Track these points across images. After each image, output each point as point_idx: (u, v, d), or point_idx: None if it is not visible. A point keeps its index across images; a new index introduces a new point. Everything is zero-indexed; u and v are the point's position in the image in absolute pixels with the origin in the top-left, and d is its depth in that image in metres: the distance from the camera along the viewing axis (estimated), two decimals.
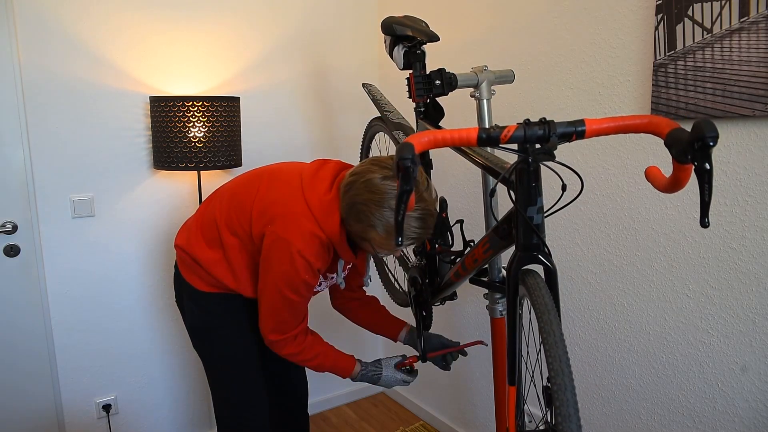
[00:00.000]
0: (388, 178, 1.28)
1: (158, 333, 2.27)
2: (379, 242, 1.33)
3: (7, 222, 1.95)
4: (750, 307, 1.40)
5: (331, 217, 1.36)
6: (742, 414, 1.44)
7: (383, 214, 1.27)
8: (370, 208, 1.28)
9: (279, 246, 1.36)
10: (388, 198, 1.26)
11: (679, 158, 0.85)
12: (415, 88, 1.55)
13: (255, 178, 1.52)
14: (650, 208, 1.59)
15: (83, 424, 2.16)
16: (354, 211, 1.31)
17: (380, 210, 1.27)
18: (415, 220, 1.27)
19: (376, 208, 1.27)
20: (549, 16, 1.80)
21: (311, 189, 1.39)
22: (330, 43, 2.52)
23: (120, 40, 2.05)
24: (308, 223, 1.36)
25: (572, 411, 0.79)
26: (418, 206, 1.27)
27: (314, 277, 1.40)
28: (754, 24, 1.28)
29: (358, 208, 1.29)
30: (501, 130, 0.95)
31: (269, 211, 1.40)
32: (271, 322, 1.45)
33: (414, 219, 1.27)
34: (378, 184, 1.28)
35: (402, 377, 1.62)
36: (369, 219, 1.29)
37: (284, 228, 1.36)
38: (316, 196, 1.37)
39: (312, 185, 1.39)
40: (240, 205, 1.46)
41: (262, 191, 1.45)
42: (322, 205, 1.36)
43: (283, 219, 1.37)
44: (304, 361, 1.52)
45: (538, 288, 0.97)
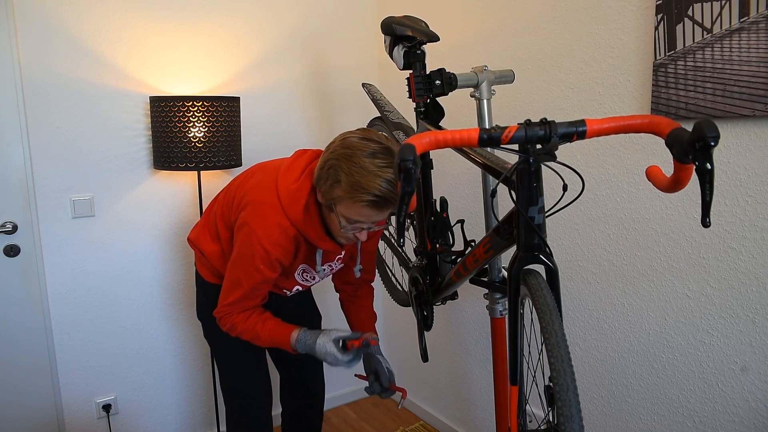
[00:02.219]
0: (366, 139, 1.26)
1: (158, 333, 2.27)
2: (342, 203, 1.27)
3: (7, 222, 1.95)
4: (750, 307, 1.40)
5: (296, 204, 1.36)
6: (742, 414, 1.44)
7: (350, 167, 1.23)
8: (339, 163, 1.25)
9: (243, 231, 1.40)
10: (358, 153, 1.24)
11: (680, 158, 0.85)
12: (415, 88, 1.55)
13: (249, 173, 1.56)
14: (650, 208, 1.59)
15: (83, 424, 2.15)
16: (325, 169, 1.28)
17: (348, 163, 1.24)
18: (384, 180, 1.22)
19: (345, 162, 1.24)
20: (549, 16, 1.80)
21: (284, 178, 1.40)
22: (330, 43, 2.52)
23: (120, 40, 2.05)
24: (274, 213, 1.36)
25: (574, 411, 0.80)
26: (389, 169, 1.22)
27: (271, 268, 1.40)
28: (754, 24, 1.28)
29: (329, 164, 1.27)
30: (502, 130, 0.95)
31: (244, 199, 1.44)
32: (223, 299, 1.48)
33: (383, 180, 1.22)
34: (353, 141, 1.26)
35: (333, 351, 1.42)
36: (336, 173, 1.25)
37: (251, 215, 1.39)
38: (285, 185, 1.38)
39: (285, 175, 1.40)
40: (230, 199, 1.52)
41: (245, 183, 1.49)
42: (289, 193, 1.37)
43: (252, 206, 1.40)
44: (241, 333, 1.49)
45: (539, 288, 0.98)
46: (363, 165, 1.23)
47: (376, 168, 1.23)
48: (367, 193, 1.22)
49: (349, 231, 1.35)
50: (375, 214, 1.29)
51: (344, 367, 1.46)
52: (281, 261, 1.40)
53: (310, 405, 1.85)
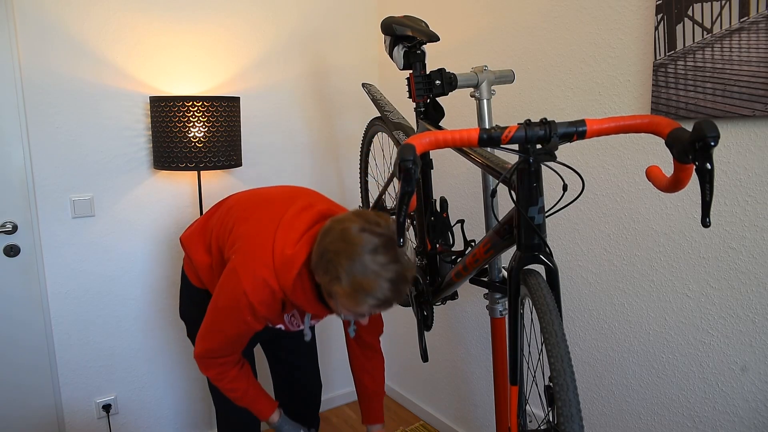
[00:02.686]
0: (366, 231, 1.19)
1: (158, 333, 2.27)
2: (342, 298, 1.21)
3: (7, 222, 1.95)
4: (750, 307, 1.40)
5: (288, 272, 1.29)
6: (742, 414, 1.44)
7: (352, 267, 1.17)
8: (339, 259, 1.18)
9: (231, 278, 1.34)
10: (360, 251, 1.17)
11: (680, 158, 0.85)
12: (415, 88, 1.55)
13: (252, 199, 1.51)
14: (650, 208, 1.59)
15: (83, 424, 2.16)
16: (324, 261, 1.22)
17: (350, 262, 1.17)
18: (387, 281, 1.18)
19: (346, 260, 1.17)
20: (549, 16, 1.80)
21: (283, 234, 1.33)
22: (330, 43, 2.52)
23: (120, 40, 2.05)
24: (265, 269, 1.30)
25: (574, 411, 0.80)
26: (392, 267, 1.18)
27: (255, 320, 1.35)
28: (754, 24, 1.28)
29: (328, 257, 1.21)
30: (502, 130, 0.95)
31: (239, 241, 1.39)
32: (203, 341, 1.43)
33: (385, 280, 1.18)
34: (353, 235, 1.19)
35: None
36: (336, 270, 1.19)
37: (242, 264, 1.33)
38: (282, 247, 1.31)
39: (287, 230, 1.34)
40: (228, 224, 1.47)
41: (246, 218, 1.44)
42: (284, 258, 1.30)
43: (245, 255, 1.34)
44: (223, 389, 1.49)
45: (539, 288, 0.98)
46: (364, 263, 1.17)
47: (379, 267, 1.17)
48: (369, 297, 1.18)
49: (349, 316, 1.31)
50: (378, 310, 1.25)
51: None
52: (267, 317, 1.36)
53: (306, 405, 1.84)
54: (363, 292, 1.18)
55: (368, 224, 1.21)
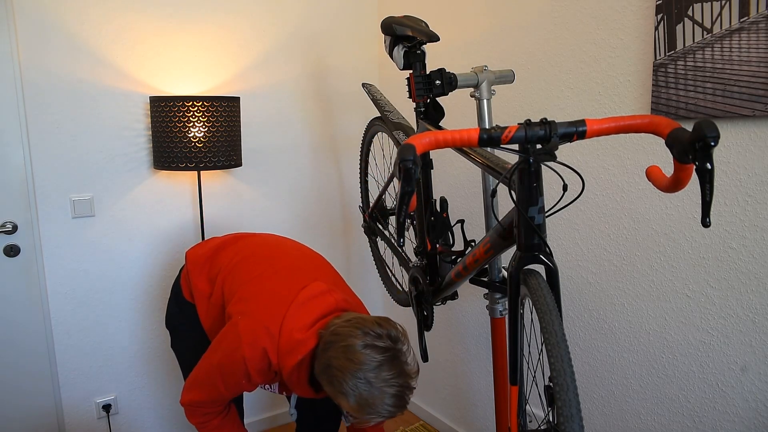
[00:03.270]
0: (369, 347, 1.20)
1: (158, 333, 2.27)
2: (348, 410, 1.24)
3: (7, 222, 1.95)
4: (750, 307, 1.40)
5: (292, 356, 1.30)
6: (742, 414, 1.44)
7: (357, 384, 1.18)
8: (344, 375, 1.20)
9: (232, 339, 1.34)
10: (364, 368, 1.18)
11: (680, 158, 0.85)
12: (415, 88, 1.55)
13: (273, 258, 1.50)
14: (650, 208, 1.59)
15: (83, 424, 2.16)
16: (328, 374, 1.23)
17: (354, 380, 1.19)
18: (391, 397, 1.20)
19: (351, 377, 1.19)
20: (549, 16, 1.80)
21: (295, 315, 1.33)
22: (330, 43, 2.52)
23: (120, 41, 2.05)
24: (269, 342, 1.31)
25: (574, 411, 0.80)
26: (396, 381, 1.19)
27: (249, 384, 1.37)
28: (754, 24, 1.28)
29: (332, 372, 1.22)
30: (502, 130, 0.95)
31: (249, 304, 1.39)
32: (192, 392, 1.43)
33: (390, 396, 1.19)
34: (357, 352, 1.20)
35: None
36: (341, 386, 1.20)
37: (246, 329, 1.33)
38: (290, 329, 1.31)
39: (300, 310, 1.34)
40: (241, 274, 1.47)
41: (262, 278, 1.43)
42: (291, 341, 1.30)
43: (251, 320, 1.34)
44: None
45: (539, 288, 0.98)
46: (369, 381, 1.18)
47: (383, 383, 1.19)
48: (375, 414, 1.20)
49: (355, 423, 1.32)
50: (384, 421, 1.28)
51: None
52: (259, 383, 1.39)
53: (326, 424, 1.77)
54: (369, 409, 1.20)
55: (370, 338, 1.22)
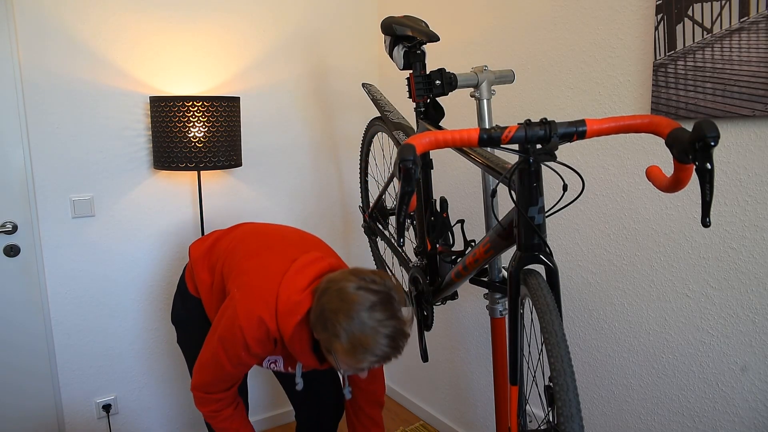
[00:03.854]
0: (362, 288, 1.22)
1: (158, 333, 2.27)
2: (342, 355, 1.24)
3: (7, 222, 1.95)
4: (750, 307, 1.40)
5: (291, 318, 1.31)
6: (742, 414, 1.44)
7: (350, 325, 1.20)
8: (337, 317, 1.21)
9: (230, 313, 1.36)
10: (357, 308, 1.20)
11: (680, 158, 0.85)
12: (415, 88, 1.55)
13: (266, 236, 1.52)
14: (650, 208, 1.59)
15: (83, 424, 2.16)
16: (322, 319, 1.25)
17: (348, 320, 1.20)
18: (385, 337, 1.21)
19: (344, 318, 1.20)
20: (549, 16, 1.80)
21: (290, 281, 1.35)
22: (330, 43, 2.52)
23: (120, 40, 2.05)
24: (265, 311, 1.32)
25: (574, 411, 0.80)
26: (390, 323, 1.21)
27: (249, 356, 1.37)
28: (754, 24, 1.28)
29: (326, 316, 1.24)
30: (502, 130, 0.95)
31: (244, 276, 1.40)
32: (199, 373, 1.45)
33: (384, 336, 1.20)
34: (350, 293, 1.22)
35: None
36: (335, 328, 1.21)
37: (242, 301, 1.35)
38: (287, 293, 1.33)
39: (293, 278, 1.36)
40: (237, 254, 1.49)
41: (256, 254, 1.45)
42: (289, 303, 1.32)
43: (247, 292, 1.36)
44: (216, 428, 1.50)
45: (539, 288, 0.98)
46: (362, 320, 1.19)
47: (376, 323, 1.20)
48: (368, 353, 1.20)
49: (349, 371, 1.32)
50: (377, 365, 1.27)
51: None
52: (260, 355, 1.39)
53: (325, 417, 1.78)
54: (362, 349, 1.20)
55: (364, 282, 1.24)
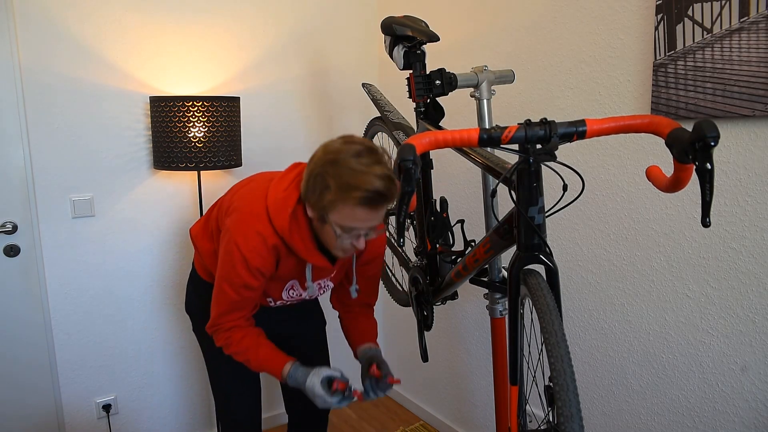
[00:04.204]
0: (347, 142, 1.25)
1: (158, 333, 2.27)
2: (334, 206, 1.24)
3: (7, 222, 1.95)
4: (750, 307, 1.40)
5: (282, 212, 1.34)
6: (742, 414, 1.44)
7: (337, 170, 1.21)
8: (325, 169, 1.23)
9: (226, 239, 1.39)
10: (343, 156, 1.22)
11: (680, 158, 0.85)
12: (415, 88, 1.55)
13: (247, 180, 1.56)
14: (650, 208, 1.59)
15: (83, 424, 2.16)
16: (312, 180, 1.27)
17: (335, 167, 1.22)
18: (374, 176, 1.20)
19: (331, 167, 1.22)
20: (549, 16, 1.80)
21: (273, 189, 1.38)
22: (330, 43, 2.52)
23: (120, 40, 2.05)
24: (257, 222, 1.35)
25: (574, 411, 0.80)
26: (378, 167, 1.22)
27: (251, 275, 1.37)
28: (754, 24, 1.28)
29: (315, 174, 1.25)
30: (502, 130, 0.95)
31: (232, 206, 1.44)
32: (213, 309, 1.46)
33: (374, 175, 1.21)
34: (336, 147, 1.25)
35: (322, 393, 1.39)
36: (324, 180, 1.23)
37: (234, 223, 1.38)
38: (274, 194, 1.37)
39: (276, 186, 1.39)
40: (225, 203, 1.52)
41: (239, 188, 1.50)
42: (277, 201, 1.35)
43: (237, 214, 1.39)
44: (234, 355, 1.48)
45: (539, 288, 0.98)
46: (350, 166, 1.21)
47: (364, 166, 1.21)
48: (358, 190, 1.20)
49: (346, 240, 1.31)
50: (369, 215, 1.26)
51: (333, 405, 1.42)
52: (260, 270, 1.38)
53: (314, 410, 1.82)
54: (352, 187, 1.20)
55: (349, 138, 1.28)
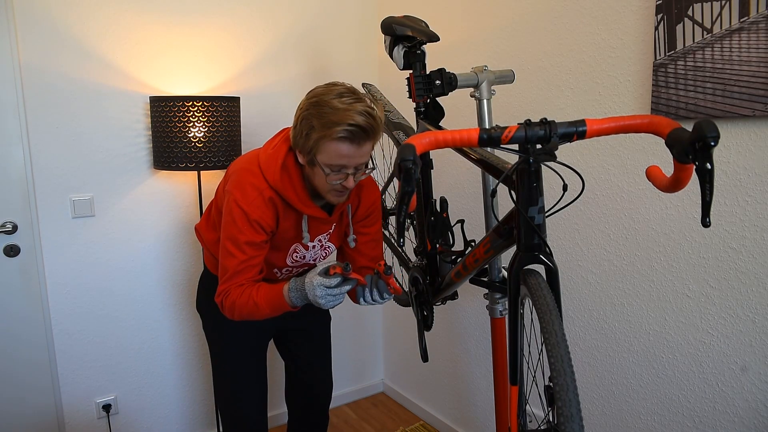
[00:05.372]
0: (330, 85, 1.31)
1: (158, 333, 2.27)
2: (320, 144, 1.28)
3: (7, 222, 1.95)
4: (750, 307, 1.40)
5: (273, 165, 1.39)
6: (742, 414, 1.44)
7: (320, 110, 1.27)
8: (309, 111, 1.29)
9: (226, 199, 1.43)
10: (325, 97, 1.27)
11: (680, 158, 0.85)
12: (415, 88, 1.55)
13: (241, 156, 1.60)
14: (650, 208, 1.59)
15: (83, 424, 2.16)
16: (298, 127, 1.32)
17: (318, 108, 1.27)
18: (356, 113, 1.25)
19: (315, 108, 1.28)
20: (549, 16, 1.80)
21: (264, 148, 1.45)
22: (330, 42, 2.52)
23: (120, 41, 2.05)
24: (252, 177, 1.40)
25: (574, 411, 0.80)
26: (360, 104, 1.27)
27: (253, 229, 1.39)
28: (754, 24, 1.28)
29: (301, 119, 1.31)
30: (502, 130, 0.95)
31: (228, 172, 1.49)
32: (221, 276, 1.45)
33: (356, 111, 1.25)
34: (318, 90, 1.31)
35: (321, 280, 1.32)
36: (309, 122, 1.29)
37: (232, 183, 1.42)
38: (265, 152, 1.43)
39: (266, 146, 1.46)
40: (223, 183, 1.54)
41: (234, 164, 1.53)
42: (267, 157, 1.41)
43: (234, 175, 1.44)
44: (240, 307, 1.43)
45: (539, 288, 0.98)
46: (332, 105, 1.26)
47: (346, 105, 1.26)
48: (341, 125, 1.25)
49: (335, 181, 1.34)
50: (354, 150, 1.29)
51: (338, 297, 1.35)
52: (260, 223, 1.39)
53: (316, 405, 1.83)
54: (334, 124, 1.25)
55: (332, 83, 1.33)
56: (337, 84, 1.33)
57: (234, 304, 1.43)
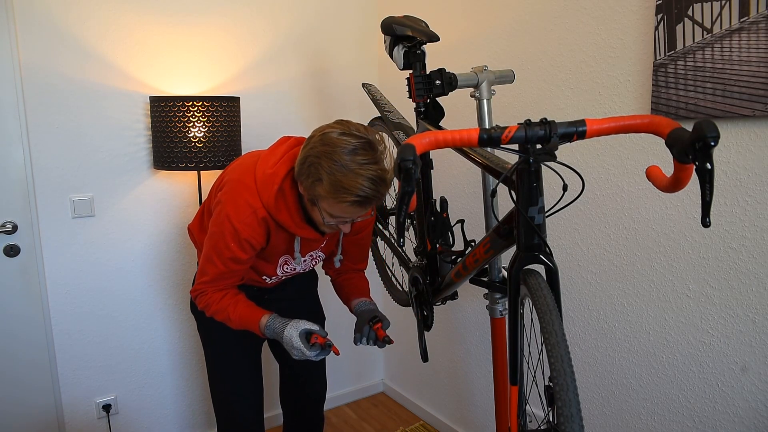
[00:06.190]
0: (345, 134, 1.25)
1: (159, 333, 2.27)
2: (324, 200, 1.28)
3: (7, 222, 1.95)
4: (750, 307, 1.40)
5: (269, 188, 1.36)
6: (742, 414, 1.44)
7: (332, 166, 1.22)
8: (320, 160, 1.24)
9: (217, 210, 1.42)
10: (339, 150, 1.23)
11: (680, 158, 0.85)
12: (415, 88, 1.55)
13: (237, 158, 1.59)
14: (650, 208, 1.59)
15: (83, 424, 2.16)
16: (306, 166, 1.28)
17: (330, 162, 1.23)
18: (366, 179, 1.23)
19: (326, 160, 1.23)
20: (549, 16, 1.80)
21: (262, 163, 1.40)
22: (330, 42, 2.52)
23: (120, 40, 2.05)
24: (247, 193, 1.37)
25: (574, 411, 0.80)
26: (372, 167, 1.23)
27: (240, 247, 1.39)
28: (754, 24, 1.28)
29: (309, 161, 1.27)
30: (502, 130, 0.95)
31: (224, 180, 1.47)
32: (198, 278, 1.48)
33: (365, 178, 1.22)
34: (333, 138, 1.25)
35: (300, 345, 1.40)
36: (317, 172, 1.25)
37: (226, 194, 1.40)
38: (263, 169, 1.39)
39: (265, 159, 1.41)
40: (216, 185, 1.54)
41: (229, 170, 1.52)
42: (265, 177, 1.37)
43: (229, 185, 1.42)
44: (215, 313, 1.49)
45: (539, 288, 0.98)
46: (344, 163, 1.22)
47: (357, 166, 1.22)
48: (349, 194, 1.23)
49: (333, 223, 1.35)
50: (358, 211, 1.30)
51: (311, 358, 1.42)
52: (250, 242, 1.39)
53: (310, 406, 1.85)
54: (343, 189, 1.23)
55: (348, 129, 1.27)
56: (352, 132, 1.26)
57: (208, 306, 1.48)
